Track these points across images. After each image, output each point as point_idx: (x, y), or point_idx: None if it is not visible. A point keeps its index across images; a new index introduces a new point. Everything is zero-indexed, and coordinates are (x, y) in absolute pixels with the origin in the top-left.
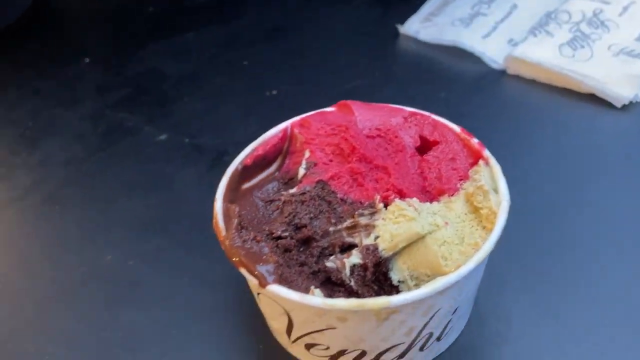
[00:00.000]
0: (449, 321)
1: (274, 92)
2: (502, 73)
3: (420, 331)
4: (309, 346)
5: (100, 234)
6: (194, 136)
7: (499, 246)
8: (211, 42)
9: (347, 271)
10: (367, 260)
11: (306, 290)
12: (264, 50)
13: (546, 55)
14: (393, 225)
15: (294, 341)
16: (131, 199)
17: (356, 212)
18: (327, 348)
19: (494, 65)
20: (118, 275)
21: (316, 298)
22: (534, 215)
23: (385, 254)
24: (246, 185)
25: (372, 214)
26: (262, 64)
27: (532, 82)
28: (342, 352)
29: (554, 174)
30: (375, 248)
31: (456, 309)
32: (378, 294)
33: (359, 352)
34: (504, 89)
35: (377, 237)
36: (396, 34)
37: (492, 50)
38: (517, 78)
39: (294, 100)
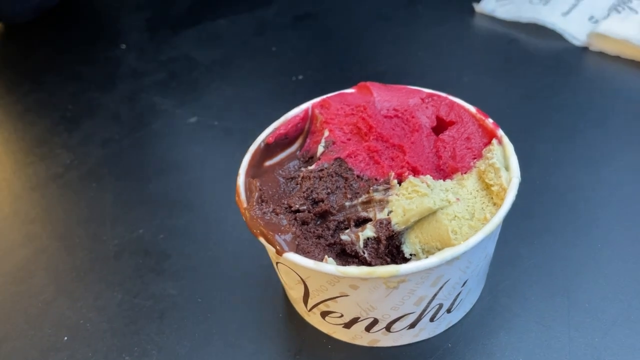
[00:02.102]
0: (459, 293)
1: (300, 77)
2: (584, 50)
3: (430, 301)
4: (324, 314)
5: (133, 209)
6: (222, 119)
7: (513, 225)
8: (241, 29)
9: (361, 243)
10: (380, 234)
11: (321, 260)
12: (291, 36)
13: (632, 31)
14: (406, 200)
15: (311, 309)
16: (163, 177)
17: (371, 188)
18: (341, 316)
19: (576, 42)
20: (149, 247)
21: (329, 265)
22: (551, 196)
23: (397, 227)
24: (269, 163)
25: (386, 189)
26: (290, 50)
27: (617, 59)
28: (355, 320)
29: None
30: (389, 222)
31: (465, 281)
32: None
33: (371, 320)
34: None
35: (390, 212)
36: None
37: (573, 27)
38: (601, 54)
39: (319, 85)
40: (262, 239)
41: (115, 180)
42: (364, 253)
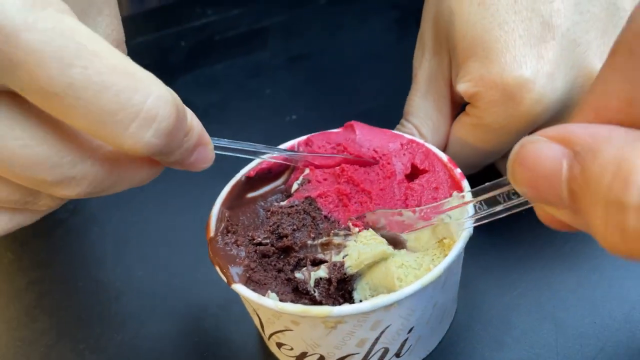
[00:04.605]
0: (406, 340)
1: (294, 117)
2: None
3: (373, 344)
4: (279, 345)
5: (132, 252)
6: (219, 160)
7: (499, 253)
8: (237, 72)
9: (312, 283)
10: (332, 275)
11: (277, 294)
12: (284, 78)
13: None
14: (362, 245)
15: (269, 338)
16: (161, 219)
17: (332, 232)
18: (292, 349)
19: None
20: (147, 289)
21: (269, 300)
22: (536, 224)
23: (350, 270)
24: (252, 195)
25: (347, 235)
26: (283, 91)
27: None
28: (304, 355)
29: None
30: (342, 265)
31: (411, 328)
32: None
33: (318, 356)
34: None
35: (345, 256)
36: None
37: None
38: None
39: (312, 124)
40: (217, 268)
41: (115, 223)
42: (314, 292)
